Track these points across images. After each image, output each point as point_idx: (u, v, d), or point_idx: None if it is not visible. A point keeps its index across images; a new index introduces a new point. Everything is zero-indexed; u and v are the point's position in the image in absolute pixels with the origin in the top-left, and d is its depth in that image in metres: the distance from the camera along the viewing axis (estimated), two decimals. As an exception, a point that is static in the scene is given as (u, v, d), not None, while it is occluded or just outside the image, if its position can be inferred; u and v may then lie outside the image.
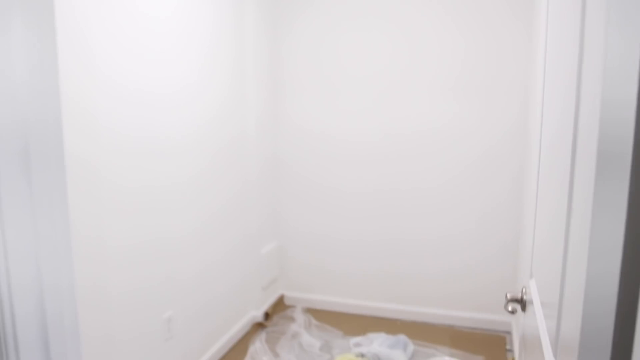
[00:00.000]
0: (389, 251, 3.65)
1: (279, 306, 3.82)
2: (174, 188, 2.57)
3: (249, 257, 3.45)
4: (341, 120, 3.64)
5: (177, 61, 2.56)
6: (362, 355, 2.97)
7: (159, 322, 2.48)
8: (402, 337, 3.15)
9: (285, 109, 3.76)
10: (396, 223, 3.60)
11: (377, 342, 3.11)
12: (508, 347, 3.23)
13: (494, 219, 3.41)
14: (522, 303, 1.41)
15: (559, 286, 0.87)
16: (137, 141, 2.27)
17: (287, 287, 3.94)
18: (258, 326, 3.50)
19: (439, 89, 3.41)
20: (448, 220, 3.49)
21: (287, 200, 3.84)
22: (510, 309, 1.41)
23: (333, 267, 3.80)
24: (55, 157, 1.05)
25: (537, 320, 1.12)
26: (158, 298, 2.46)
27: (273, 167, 3.78)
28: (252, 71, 3.36)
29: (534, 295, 1.27)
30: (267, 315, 3.60)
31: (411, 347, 3.12)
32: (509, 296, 1.43)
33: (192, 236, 2.73)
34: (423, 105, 3.45)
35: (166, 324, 2.52)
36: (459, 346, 3.23)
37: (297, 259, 3.88)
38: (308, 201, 3.79)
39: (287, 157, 3.80)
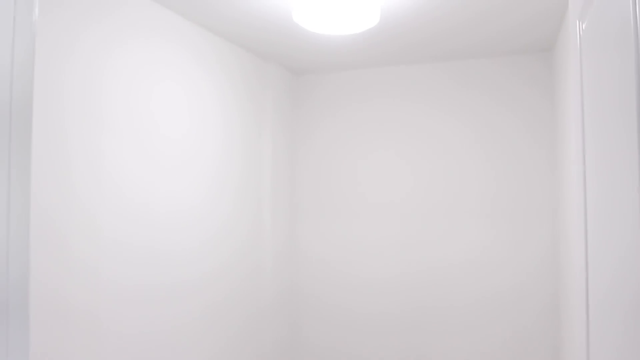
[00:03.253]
0: None
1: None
2: (177, 331, 2.44)
3: None
4: (361, 246, 3.56)
5: (191, 180, 2.65)
6: None
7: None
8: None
9: (302, 234, 3.70)
10: (425, 349, 3.42)
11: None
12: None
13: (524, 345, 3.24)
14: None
15: None
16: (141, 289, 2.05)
17: None
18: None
19: (464, 215, 3.36)
20: (478, 341, 3.32)
21: (308, 331, 3.63)
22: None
23: None
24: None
25: None
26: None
27: (290, 295, 3.62)
28: (268, 193, 3.34)
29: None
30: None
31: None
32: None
33: None
34: (448, 232, 3.39)
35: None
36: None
37: None
38: (330, 333, 3.57)
39: (305, 284, 3.69)
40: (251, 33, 3.01)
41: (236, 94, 3.14)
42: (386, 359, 3.49)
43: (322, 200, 3.67)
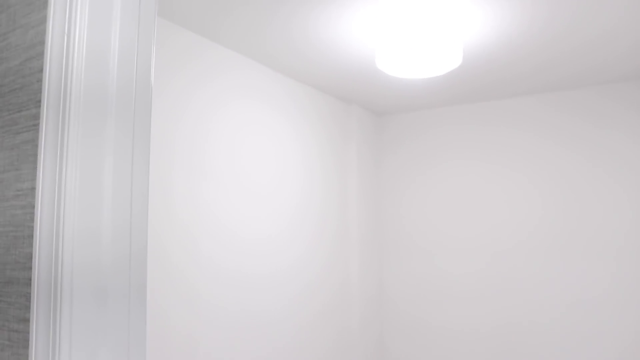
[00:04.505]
0: None
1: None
2: (268, 352, 2.63)
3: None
4: (450, 282, 3.57)
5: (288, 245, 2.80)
6: None
7: None
8: None
9: (389, 270, 3.74)
10: None
11: None
12: None
13: None
14: None
15: None
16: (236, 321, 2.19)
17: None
18: None
19: (572, 252, 3.27)
20: None
21: (395, 349, 3.57)
22: None
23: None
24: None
25: None
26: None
27: (377, 311, 3.59)
28: (356, 233, 3.48)
29: None
30: None
31: None
32: None
33: None
34: (554, 271, 3.30)
35: None
36: None
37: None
38: (417, 349, 3.50)
39: (392, 303, 3.59)
40: (336, 79, 3.17)
41: (322, 134, 3.29)
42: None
43: (409, 235, 3.64)
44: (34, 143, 0.91)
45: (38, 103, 0.92)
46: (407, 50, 2.40)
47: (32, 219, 0.89)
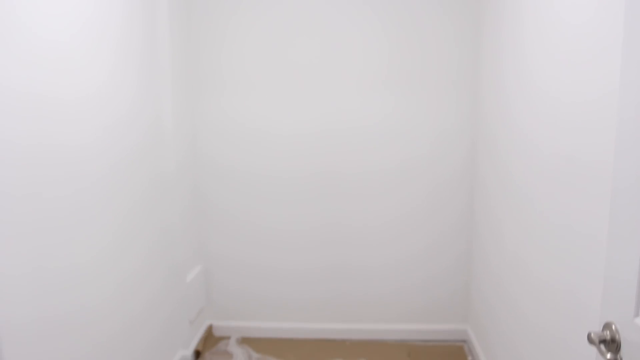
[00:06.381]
0: (331, 263, 3.29)
1: (210, 340, 3.28)
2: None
3: (174, 289, 2.88)
4: (268, 117, 3.18)
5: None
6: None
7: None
8: (362, 363, 2.81)
9: (208, 105, 3.21)
10: (339, 230, 3.26)
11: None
12: (469, 358, 3.03)
13: (444, 235, 3.21)
14: (616, 344, 1.13)
15: None
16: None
17: (215, 316, 3.39)
18: (190, 369, 2.94)
19: (377, 82, 3.10)
20: (395, 225, 3.23)
21: (212, 213, 3.31)
22: (609, 357, 1.10)
23: (267, 287, 3.34)
24: None
25: None
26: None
27: (193, 167, 3.23)
28: (168, 65, 2.77)
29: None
30: (197, 354, 3.04)
31: (373, 372, 2.79)
32: (596, 339, 1.14)
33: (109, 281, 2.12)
34: (361, 99, 3.13)
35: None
36: (420, 363, 2.98)
37: (226, 282, 3.36)
38: (235, 213, 3.29)
39: (210, 157, 3.25)
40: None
41: None
42: (302, 242, 3.30)
43: (228, 67, 3.15)
44: None
45: None
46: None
47: None
